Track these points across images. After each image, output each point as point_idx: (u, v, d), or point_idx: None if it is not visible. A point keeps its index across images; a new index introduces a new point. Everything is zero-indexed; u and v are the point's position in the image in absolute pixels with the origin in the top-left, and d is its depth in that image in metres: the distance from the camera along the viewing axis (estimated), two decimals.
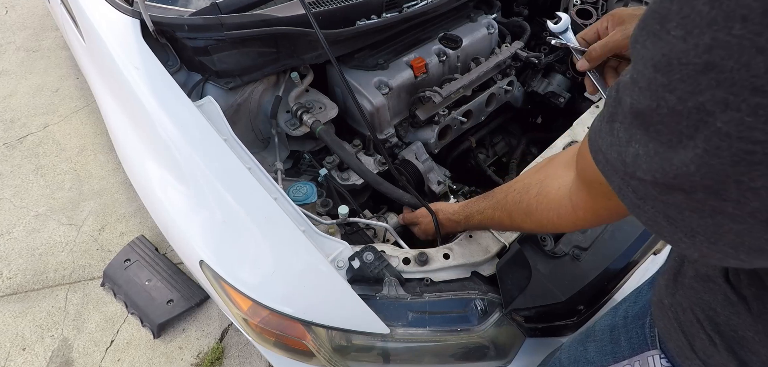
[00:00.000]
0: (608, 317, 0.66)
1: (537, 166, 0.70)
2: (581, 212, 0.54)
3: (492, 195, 0.77)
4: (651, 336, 0.55)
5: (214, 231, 0.81)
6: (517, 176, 0.75)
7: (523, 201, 0.65)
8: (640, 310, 0.60)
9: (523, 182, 0.68)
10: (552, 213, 0.59)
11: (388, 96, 1.14)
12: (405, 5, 1.25)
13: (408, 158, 1.17)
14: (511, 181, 0.74)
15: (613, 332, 0.62)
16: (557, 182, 0.59)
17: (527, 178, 0.68)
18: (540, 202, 0.62)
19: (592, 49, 0.71)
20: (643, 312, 0.59)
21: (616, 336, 0.61)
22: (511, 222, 0.71)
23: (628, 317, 0.61)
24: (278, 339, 0.77)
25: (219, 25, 0.98)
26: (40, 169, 2.13)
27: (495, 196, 0.76)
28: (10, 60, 2.83)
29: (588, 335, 0.67)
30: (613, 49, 0.68)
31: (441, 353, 0.78)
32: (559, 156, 0.65)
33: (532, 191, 0.64)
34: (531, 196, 0.64)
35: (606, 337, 0.62)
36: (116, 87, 1.06)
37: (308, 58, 1.13)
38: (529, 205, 0.64)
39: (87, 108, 2.46)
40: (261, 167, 0.87)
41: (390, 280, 0.77)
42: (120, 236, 1.84)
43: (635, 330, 0.58)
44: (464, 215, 0.84)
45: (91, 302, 1.64)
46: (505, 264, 0.79)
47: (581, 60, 0.74)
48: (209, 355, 1.50)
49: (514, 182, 0.71)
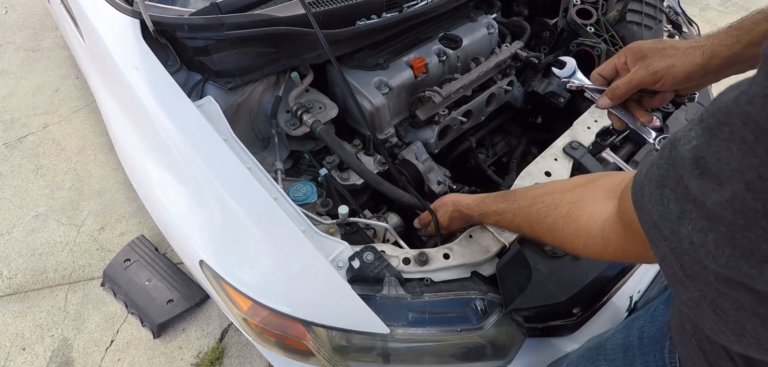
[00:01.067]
0: (621, 335, 0.63)
1: (571, 183, 0.64)
2: (611, 249, 0.51)
3: (514, 199, 0.72)
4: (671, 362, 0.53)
5: (214, 231, 0.81)
6: (546, 186, 0.69)
7: (550, 217, 0.61)
8: (657, 332, 0.57)
9: (552, 198, 0.63)
10: (578, 240, 0.56)
11: (388, 96, 1.14)
12: (405, 5, 1.25)
13: (408, 158, 1.17)
14: (538, 190, 0.68)
15: (627, 353, 0.59)
16: (591, 209, 0.55)
17: (558, 194, 0.63)
18: (567, 224, 0.58)
19: (616, 88, 0.69)
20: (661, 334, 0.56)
21: (630, 358, 0.58)
22: (531, 232, 0.67)
23: (644, 338, 0.58)
24: (278, 339, 0.77)
25: (219, 25, 0.98)
26: (40, 169, 2.13)
27: (517, 201, 0.71)
28: (10, 60, 2.83)
29: (599, 352, 0.64)
30: (638, 85, 0.67)
31: (441, 353, 0.78)
32: (600, 180, 0.60)
33: (562, 210, 0.59)
34: (559, 214, 0.60)
35: (619, 357, 0.60)
36: (116, 87, 1.06)
37: (308, 58, 1.13)
38: (555, 223, 0.60)
39: (87, 108, 2.46)
40: (261, 167, 0.87)
41: (390, 280, 0.77)
42: (120, 236, 1.84)
43: (653, 354, 0.55)
44: (479, 212, 0.80)
45: (91, 302, 1.64)
46: (505, 264, 0.79)
47: (602, 98, 0.72)
48: (209, 355, 1.49)
49: (542, 193, 0.66)
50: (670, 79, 0.64)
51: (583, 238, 0.55)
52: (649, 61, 0.66)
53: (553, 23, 1.50)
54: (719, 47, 0.61)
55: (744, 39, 0.60)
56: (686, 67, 0.62)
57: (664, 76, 0.64)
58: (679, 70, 0.63)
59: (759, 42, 0.59)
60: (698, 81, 0.64)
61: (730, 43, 0.61)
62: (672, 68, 0.63)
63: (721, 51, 0.61)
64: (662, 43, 0.67)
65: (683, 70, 0.62)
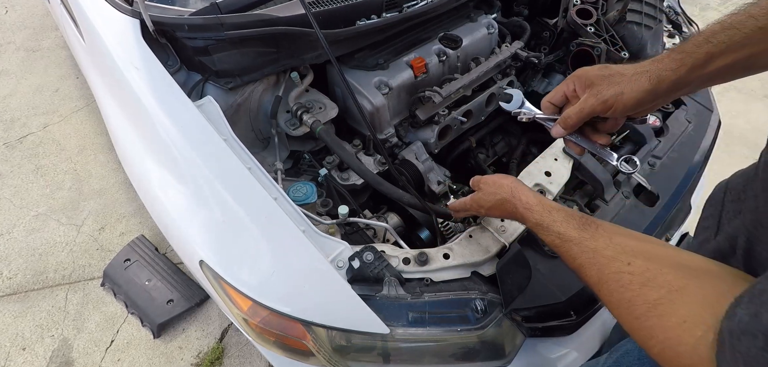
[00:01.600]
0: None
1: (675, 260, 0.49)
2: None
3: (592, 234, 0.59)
4: None
5: (214, 231, 0.81)
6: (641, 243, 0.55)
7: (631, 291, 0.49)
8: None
9: (646, 267, 0.49)
10: (654, 340, 0.45)
11: (388, 96, 1.14)
12: (405, 5, 1.25)
13: (408, 158, 1.17)
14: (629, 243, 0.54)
15: None
16: (687, 310, 0.43)
17: (655, 266, 0.49)
18: (649, 311, 0.46)
19: (568, 118, 0.70)
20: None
21: None
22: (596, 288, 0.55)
23: None
24: (278, 339, 0.77)
25: (219, 25, 0.98)
26: (40, 169, 2.13)
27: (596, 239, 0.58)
28: (10, 60, 2.84)
29: None
30: (589, 114, 0.68)
31: (441, 353, 0.78)
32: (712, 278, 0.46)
33: (652, 293, 0.46)
34: (647, 297, 0.47)
35: None
36: (116, 87, 1.06)
37: (308, 58, 1.13)
38: (633, 301, 0.48)
39: (87, 108, 2.47)
40: (261, 167, 0.87)
41: (390, 280, 0.77)
42: (120, 236, 1.84)
43: None
44: (538, 221, 0.68)
45: (91, 302, 1.64)
46: (505, 264, 0.79)
47: (556, 127, 0.73)
48: (209, 355, 1.50)
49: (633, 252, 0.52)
50: (620, 106, 0.64)
51: (661, 342, 0.44)
52: (598, 89, 0.66)
53: (553, 23, 1.50)
54: (665, 71, 0.61)
55: (687, 62, 0.59)
56: (635, 94, 0.63)
57: (614, 103, 0.65)
58: (628, 97, 0.63)
59: (702, 64, 0.58)
60: (649, 105, 0.65)
61: (674, 67, 0.61)
62: (621, 96, 0.64)
63: (667, 75, 0.61)
64: (608, 69, 0.67)
65: (632, 97, 0.63)
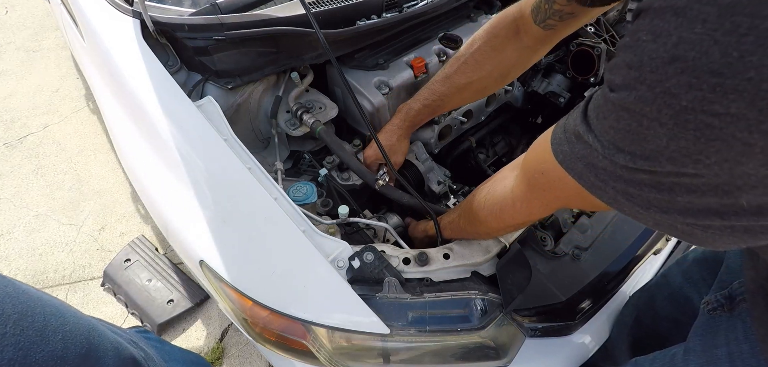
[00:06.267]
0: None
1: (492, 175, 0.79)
2: (519, 205, 0.64)
3: (461, 205, 0.84)
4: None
5: (214, 231, 0.81)
6: (462, 205, 0.84)
7: (477, 203, 0.75)
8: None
9: (479, 189, 0.77)
10: (496, 207, 0.70)
11: (388, 96, 1.14)
12: (405, 5, 1.25)
13: (408, 158, 1.17)
14: (459, 208, 0.83)
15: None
16: (503, 183, 0.69)
17: (482, 185, 0.78)
18: (487, 200, 0.72)
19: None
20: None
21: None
22: (472, 228, 0.80)
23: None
24: (278, 339, 0.77)
25: (219, 25, 0.98)
26: (40, 169, 2.13)
27: (463, 205, 0.83)
28: (10, 60, 2.84)
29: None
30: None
31: (441, 353, 0.78)
32: (510, 164, 0.73)
33: (482, 192, 0.75)
34: (481, 196, 0.74)
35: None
36: (116, 87, 1.06)
37: (308, 58, 1.13)
38: (478, 204, 0.74)
39: (87, 108, 2.47)
40: (261, 167, 0.87)
41: (390, 280, 0.77)
42: (120, 236, 1.84)
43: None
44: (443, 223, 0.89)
45: (91, 302, 1.64)
46: (505, 264, 0.79)
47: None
48: (209, 355, 1.49)
49: (475, 191, 0.79)
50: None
51: (499, 204, 0.69)
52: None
53: None
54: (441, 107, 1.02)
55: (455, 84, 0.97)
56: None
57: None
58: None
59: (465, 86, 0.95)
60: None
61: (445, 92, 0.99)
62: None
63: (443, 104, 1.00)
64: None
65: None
